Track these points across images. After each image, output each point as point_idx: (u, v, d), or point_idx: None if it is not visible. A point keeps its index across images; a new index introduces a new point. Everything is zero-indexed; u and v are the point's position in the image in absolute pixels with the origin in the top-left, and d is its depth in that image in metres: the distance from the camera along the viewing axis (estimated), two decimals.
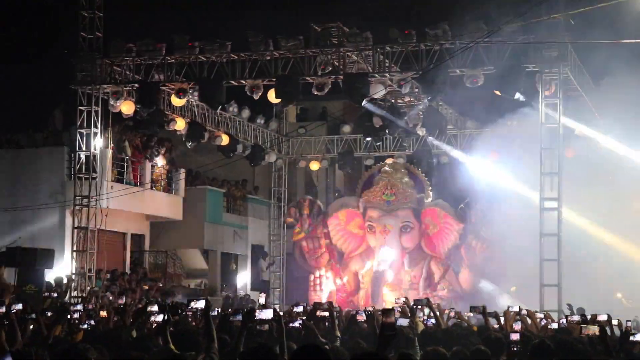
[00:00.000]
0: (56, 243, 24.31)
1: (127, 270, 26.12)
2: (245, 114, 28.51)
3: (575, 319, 11.69)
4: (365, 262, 27.71)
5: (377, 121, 26.99)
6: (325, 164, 31.79)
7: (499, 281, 25.19)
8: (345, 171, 33.49)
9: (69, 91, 24.17)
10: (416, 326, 11.79)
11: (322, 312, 10.27)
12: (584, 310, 17.11)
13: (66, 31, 25.84)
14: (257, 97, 23.20)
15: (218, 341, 7.90)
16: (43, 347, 8.36)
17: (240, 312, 8.71)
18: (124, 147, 26.12)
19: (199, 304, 8.85)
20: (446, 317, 13.68)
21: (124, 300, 13.95)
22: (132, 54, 23.64)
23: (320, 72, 22.75)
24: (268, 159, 30.43)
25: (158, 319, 9.44)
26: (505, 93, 21.93)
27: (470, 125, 28.76)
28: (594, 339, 9.47)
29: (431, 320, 12.51)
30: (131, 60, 23.75)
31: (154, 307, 10.06)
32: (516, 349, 8.22)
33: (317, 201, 29.85)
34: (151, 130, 26.01)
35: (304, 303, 14.78)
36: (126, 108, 23.75)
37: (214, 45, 23.06)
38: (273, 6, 32.84)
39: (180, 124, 25.33)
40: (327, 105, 35.49)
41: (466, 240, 26.80)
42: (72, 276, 23.33)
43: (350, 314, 12.62)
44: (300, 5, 30.65)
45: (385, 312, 6.78)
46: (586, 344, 9.36)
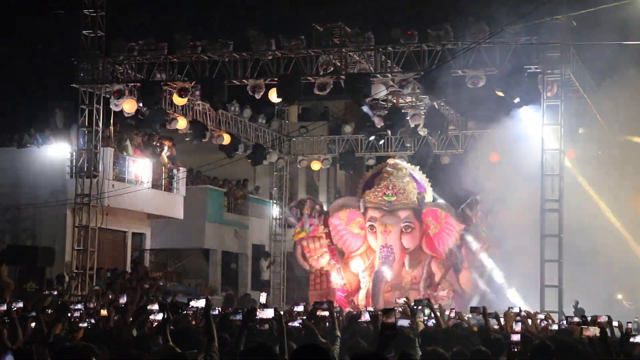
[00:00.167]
0: (57, 241, 24.32)
1: (128, 269, 26.11)
2: (246, 113, 28.50)
3: (576, 320, 11.70)
4: (366, 262, 27.70)
5: (379, 121, 27.02)
6: (327, 163, 31.77)
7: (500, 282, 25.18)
8: (346, 171, 33.50)
9: (70, 90, 24.19)
10: (417, 326, 11.79)
11: (322, 312, 10.26)
12: (584, 312, 17.14)
13: (68, 30, 25.85)
14: (258, 96, 23.21)
15: (218, 340, 7.90)
16: (43, 346, 8.37)
17: (241, 311, 8.71)
18: (125, 146, 26.11)
19: (200, 303, 8.85)
20: (446, 317, 13.68)
21: (124, 299, 13.91)
22: (134, 53, 23.65)
23: (322, 72, 22.75)
24: (269, 158, 30.42)
25: (158, 317, 9.45)
26: (507, 94, 21.91)
27: (472, 125, 28.74)
28: (595, 340, 9.48)
29: (432, 321, 12.50)
30: (133, 59, 23.76)
31: (154, 306, 10.06)
32: (516, 349, 8.21)
33: (318, 201, 29.85)
34: (153, 129, 26.01)
35: (304, 302, 14.80)
36: (128, 107, 23.75)
37: (216, 45, 23.06)
38: (275, 6, 32.83)
39: (182, 123, 25.34)
40: (329, 105, 35.48)
41: (467, 241, 26.80)
42: (73, 274, 23.35)
43: (351, 314, 12.62)
44: (302, 5, 30.64)
45: (385, 312, 6.76)
46: (586, 345, 9.36)
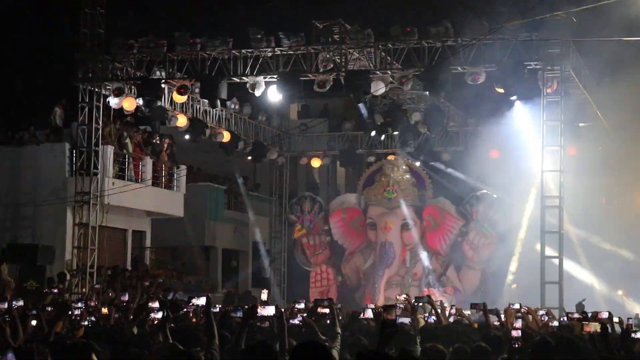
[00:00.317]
0: (57, 239, 24.29)
1: (128, 267, 26.09)
2: (246, 110, 28.48)
3: (577, 317, 11.69)
4: (366, 259, 27.71)
5: (379, 118, 27.02)
6: (327, 161, 31.75)
7: (501, 278, 25.20)
8: (346, 168, 33.48)
9: (70, 88, 24.16)
10: (417, 323, 11.79)
11: (322, 309, 10.25)
12: (584, 307, 17.15)
13: (68, 28, 25.82)
14: (258, 94, 23.19)
15: (219, 338, 7.90)
16: (44, 344, 8.37)
17: (241, 308, 8.71)
18: (125, 143, 26.08)
19: (200, 300, 8.85)
20: (447, 314, 13.66)
21: (126, 298, 13.91)
22: (134, 51, 23.64)
23: (322, 69, 22.73)
24: (269, 156, 30.40)
25: (158, 316, 9.45)
26: (507, 90, 21.90)
27: (472, 122, 28.72)
28: (595, 336, 9.47)
29: (432, 317, 12.50)
30: (133, 57, 23.74)
31: (154, 304, 10.06)
32: (517, 345, 8.21)
33: (318, 198, 29.84)
34: (152, 127, 25.98)
35: (304, 300, 14.78)
36: (128, 104, 23.74)
37: (216, 42, 23.04)
38: (275, 3, 32.78)
39: (181, 120, 25.32)
40: (329, 102, 35.42)
41: (467, 237, 26.81)
42: (74, 272, 23.34)
43: (352, 311, 12.62)
44: (302, 2, 30.60)
45: (386, 309, 6.77)
46: (587, 341, 9.35)
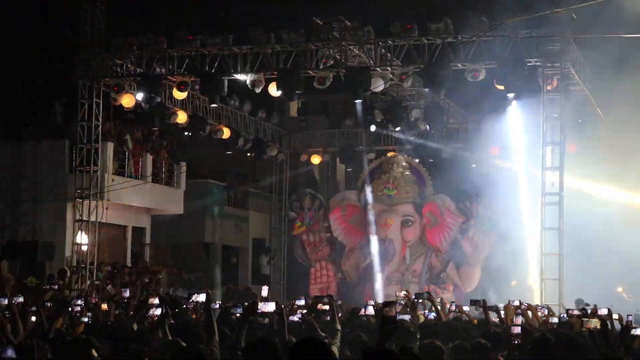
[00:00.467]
0: (57, 236, 24.30)
1: (128, 263, 26.11)
2: (246, 107, 28.47)
3: (576, 313, 11.69)
4: (366, 256, 27.72)
5: (378, 114, 26.99)
6: (327, 157, 31.75)
7: (501, 275, 25.20)
8: (346, 165, 33.47)
9: (70, 84, 24.15)
10: (417, 320, 11.79)
11: (322, 306, 10.25)
12: (583, 302, 17.16)
13: (68, 27, 25.81)
14: (258, 90, 23.18)
15: (219, 334, 7.90)
16: (44, 340, 8.37)
17: (241, 305, 8.71)
18: (125, 140, 26.08)
19: (200, 297, 8.84)
20: (447, 310, 13.67)
21: (127, 294, 13.90)
22: (134, 47, 23.62)
23: (322, 66, 22.72)
24: (269, 152, 30.40)
25: (157, 312, 9.44)
26: (507, 87, 21.89)
27: (472, 119, 28.70)
28: (595, 333, 9.47)
29: (432, 314, 12.50)
30: (132, 53, 23.72)
31: (155, 300, 10.06)
32: (517, 342, 8.21)
33: (318, 195, 29.85)
34: (153, 124, 25.97)
35: (304, 296, 14.77)
36: (126, 101, 23.73)
37: (216, 39, 23.02)
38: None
39: (181, 117, 25.31)
40: (329, 99, 35.42)
41: (467, 234, 26.82)
42: (74, 269, 23.35)
43: (352, 307, 12.61)
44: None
45: (386, 305, 6.75)
46: (587, 338, 9.36)
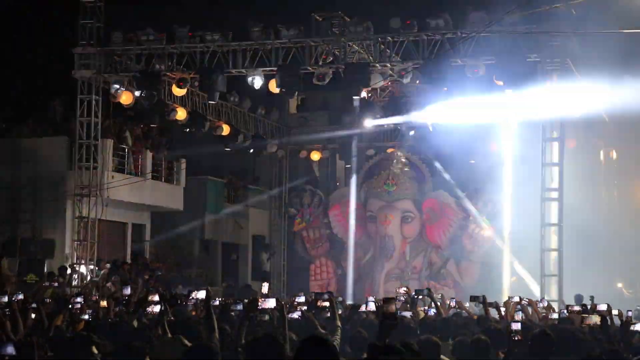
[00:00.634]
0: (57, 233, 24.30)
1: (128, 260, 26.11)
2: (246, 104, 28.44)
3: (577, 309, 11.70)
4: (366, 253, 27.72)
5: (378, 111, 26.95)
6: (326, 154, 31.71)
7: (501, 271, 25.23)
8: (346, 161, 33.42)
9: (69, 81, 24.13)
10: (417, 316, 11.81)
11: (322, 303, 10.25)
12: (582, 299, 17.17)
13: (67, 21, 25.78)
14: (258, 87, 23.16)
15: (218, 331, 7.90)
16: (44, 337, 8.38)
17: (241, 302, 8.71)
18: (124, 137, 26.07)
19: (200, 294, 8.84)
20: (447, 306, 13.67)
21: (128, 291, 13.88)
22: (133, 44, 23.60)
23: (321, 62, 22.70)
24: (269, 149, 30.37)
25: (156, 309, 9.44)
26: (506, 83, 21.87)
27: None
28: (595, 328, 9.48)
29: (432, 310, 12.51)
30: (132, 50, 23.70)
31: (155, 297, 10.06)
32: (517, 338, 8.21)
33: (318, 191, 29.82)
34: (152, 120, 25.95)
35: (304, 293, 14.78)
36: (125, 98, 23.71)
37: (215, 35, 23.00)
38: None
39: (181, 113, 25.26)
40: (328, 95, 35.36)
41: (467, 230, 26.82)
42: (74, 266, 23.35)
43: (352, 304, 12.63)
44: None
45: (386, 301, 6.76)
46: (587, 333, 9.36)
